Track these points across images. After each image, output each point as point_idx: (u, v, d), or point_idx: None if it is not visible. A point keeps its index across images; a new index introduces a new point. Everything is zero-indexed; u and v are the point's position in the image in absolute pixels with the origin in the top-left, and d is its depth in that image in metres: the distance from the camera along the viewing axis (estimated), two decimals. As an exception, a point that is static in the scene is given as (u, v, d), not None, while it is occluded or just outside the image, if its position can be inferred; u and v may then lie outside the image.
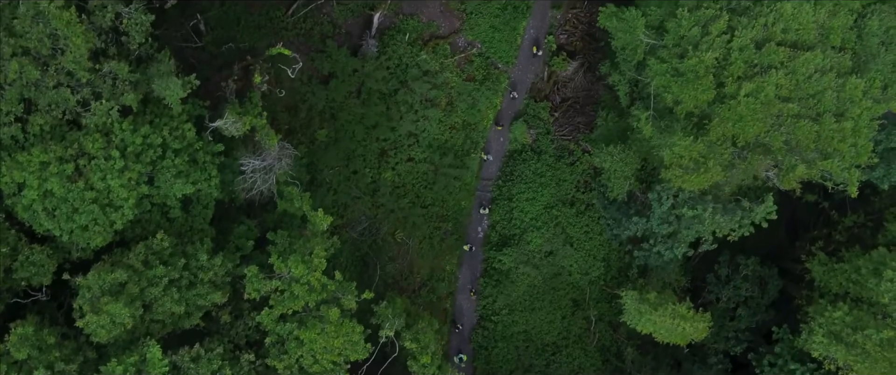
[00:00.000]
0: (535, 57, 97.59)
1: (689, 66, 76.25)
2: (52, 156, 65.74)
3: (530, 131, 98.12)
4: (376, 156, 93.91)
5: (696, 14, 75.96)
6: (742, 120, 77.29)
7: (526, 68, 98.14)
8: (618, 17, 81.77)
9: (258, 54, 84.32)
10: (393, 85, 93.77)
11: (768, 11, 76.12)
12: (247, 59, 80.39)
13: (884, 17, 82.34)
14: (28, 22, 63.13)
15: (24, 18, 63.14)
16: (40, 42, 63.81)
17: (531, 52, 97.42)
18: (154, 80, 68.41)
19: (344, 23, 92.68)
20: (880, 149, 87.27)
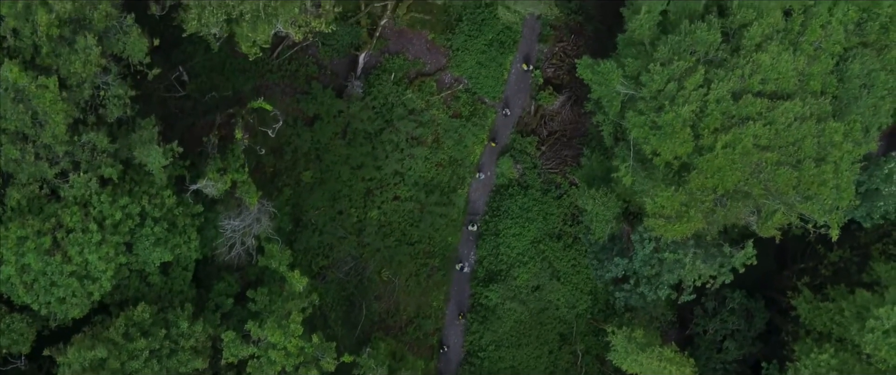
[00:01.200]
0: (527, 72, 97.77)
1: (667, 121, 76.17)
2: (30, 230, 66.35)
3: (517, 166, 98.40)
4: (362, 195, 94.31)
5: (669, 68, 75.62)
6: (720, 171, 77.45)
7: (519, 85, 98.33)
8: (594, 69, 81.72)
9: (242, 100, 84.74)
10: (378, 124, 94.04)
11: (745, 63, 75.97)
12: (228, 112, 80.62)
13: (865, 59, 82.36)
14: (9, 104, 63.59)
15: (4, 100, 63.58)
16: (21, 122, 64.29)
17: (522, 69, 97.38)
18: (136, 147, 68.85)
19: (329, 63, 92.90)
20: (863, 189, 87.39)
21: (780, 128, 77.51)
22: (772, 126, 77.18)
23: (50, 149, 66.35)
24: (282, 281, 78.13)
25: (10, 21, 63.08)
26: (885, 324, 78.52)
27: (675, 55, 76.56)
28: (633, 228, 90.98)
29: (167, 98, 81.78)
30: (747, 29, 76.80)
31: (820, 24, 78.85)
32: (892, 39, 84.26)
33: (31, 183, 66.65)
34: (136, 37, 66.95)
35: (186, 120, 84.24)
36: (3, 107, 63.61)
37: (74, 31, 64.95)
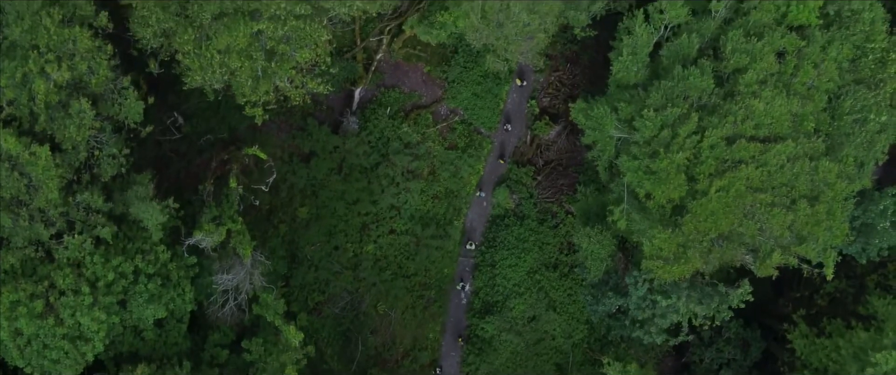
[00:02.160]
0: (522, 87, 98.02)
1: (661, 167, 76.27)
2: (23, 294, 66.86)
3: (513, 196, 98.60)
4: (358, 230, 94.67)
5: (662, 115, 75.61)
6: (714, 214, 77.54)
7: (519, 102, 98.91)
8: (587, 114, 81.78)
9: (238, 140, 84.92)
10: (374, 159, 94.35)
11: (738, 109, 75.84)
12: (223, 158, 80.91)
13: (858, 95, 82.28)
14: (3, 174, 63.99)
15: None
16: (16, 189, 64.70)
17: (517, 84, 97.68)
18: (131, 203, 69.24)
19: (325, 99, 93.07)
20: (857, 224, 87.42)
21: (773, 170, 77.53)
22: (765, 168, 77.20)
23: (44, 212, 66.61)
24: (278, 330, 78.56)
25: (7, 92, 63.40)
26: (882, 369, 78.59)
27: (669, 101, 76.47)
28: (628, 264, 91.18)
29: (162, 141, 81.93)
30: (741, 75, 76.59)
31: (813, 63, 78.63)
32: (888, 73, 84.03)
33: (25, 246, 67.00)
34: (133, 99, 67.22)
35: (181, 162, 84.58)
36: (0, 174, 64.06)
37: (70, 95, 65.17)
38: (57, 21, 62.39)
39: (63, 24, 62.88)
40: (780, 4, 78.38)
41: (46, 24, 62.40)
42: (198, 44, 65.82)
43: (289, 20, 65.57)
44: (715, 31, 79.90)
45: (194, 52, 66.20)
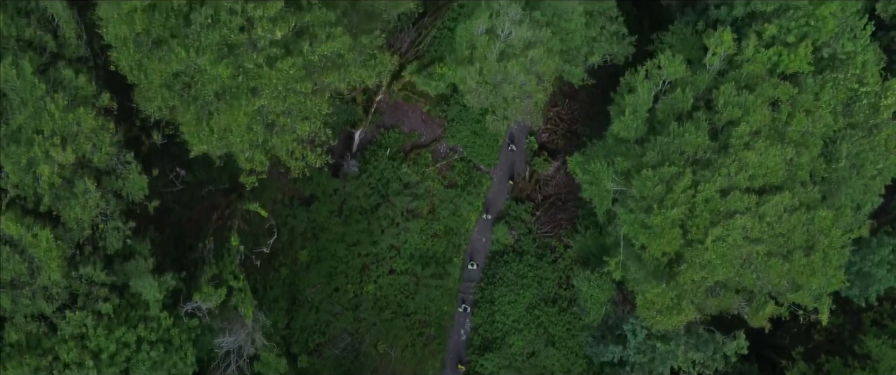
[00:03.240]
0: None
1: (656, 222, 76.98)
2: (27, 369, 67.83)
3: (512, 232, 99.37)
4: (358, 271, 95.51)
5: (658, 172, 76.19)
6: (710, 264, 78.32)
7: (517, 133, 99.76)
8: (584, 169, 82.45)
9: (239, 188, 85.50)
10: (374, 200, 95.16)
11: (732, 162, 76.43)
12: (223, 214, 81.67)
13: (854, 141, 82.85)
14: (3, 256, 64.83)
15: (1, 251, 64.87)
16: (17, 272, 65.61)
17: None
18: (132, 277, 70.18)
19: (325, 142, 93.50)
20: (854, 270, 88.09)
21: (770, 221, 78.12)
22: (761, 219, 77.81)
23: (47, 289, 67.54)
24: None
25: (12, 176, 64.13)
26: (881, 414, 79.81)
27: (665, 158, 77.04)
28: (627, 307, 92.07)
29: (164, 192, 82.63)
30: (735, 127, 77.09)
31: (806, 110, 79.11)
32: (881, 119, 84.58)
33: (29, 322, 67.94)
34: (136, 175, 67.97)
35: (183, 210, 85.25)
36: (1, 257, 64.86)
37: (74, 173, 65.91)
38: (62, 106, 62.93)
39: (67, 107, 63.30)
40: (772, 54, 78.69)
41: (51, 109, 62.98)
42: (199, 121, 66.28)
43: (289, 96, 65.99)
44: (709, 83, 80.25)
45: (195, 129, 66.65)
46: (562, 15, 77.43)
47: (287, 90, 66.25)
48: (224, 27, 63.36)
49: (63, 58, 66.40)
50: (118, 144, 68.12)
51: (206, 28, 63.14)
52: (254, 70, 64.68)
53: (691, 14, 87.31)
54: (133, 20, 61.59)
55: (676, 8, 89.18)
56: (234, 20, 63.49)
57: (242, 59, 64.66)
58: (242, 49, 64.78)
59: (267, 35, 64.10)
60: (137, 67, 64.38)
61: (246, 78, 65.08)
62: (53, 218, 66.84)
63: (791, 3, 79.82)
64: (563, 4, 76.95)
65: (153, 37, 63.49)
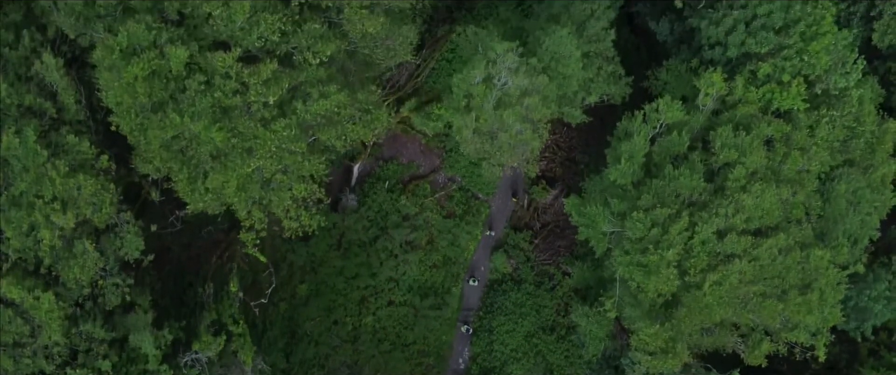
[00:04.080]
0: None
1: (652, 262, 77.49)
2: (29, 427, 68.86)
3: (510, 261, 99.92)
4: (357, 303, 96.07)
5: (652, 214, 76.64)
6: (708, 307, 78.91)
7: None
8: (580, 211, 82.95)
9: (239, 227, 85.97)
10: (373, 233, 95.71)
11: (728, 204, 76.86)
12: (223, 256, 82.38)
13: (851, 179, 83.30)
14: (5, 319, 65.63)
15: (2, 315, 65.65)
16: (19, 334, 66.40)
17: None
18: (132, 331, 70.97)
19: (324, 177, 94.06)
20: (851, 304, 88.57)
21: (766, 263, 78.66)
22: (757, 261, 78.34)
23: (47, 348, 68.35)
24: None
25: (14, 241, 64.83)
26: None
27: (659, 201, 77.48)
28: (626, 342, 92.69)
29: (164, 234, 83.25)
30: (731, 170, 77.52)
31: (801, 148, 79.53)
32: (878, 159, 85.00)
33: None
34: (133, 234, 68.64)
35: (182, 251, 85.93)
36: (1, 320, 65.65)
37: (73, 233, 66.61)
38: (62, 172, 63.56)
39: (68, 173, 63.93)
40: (765, 92, 79.09)
41: (52, 176, 63.59)
42: (193, 180, 66.90)
43: (285, 156, 66.53)
44: (704, 123, 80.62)
45: (190, 188, 67.30)
46: (559, 60, 77.59)
47: (282, 150, 66.63)
48: (218, 91, 63.85)
49: (63, 122, 66.81)
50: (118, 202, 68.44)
51: (199, 93, 63.60)
52: (248, 131, 65.08)
53: (686, 52, 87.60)
54: (135, 90, 62.10)
55: (672, 44, 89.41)
56: (227, 84, 63.98)
57: (236, 121, 65.09)
58: (236, 112, 65.23)
59: (261, 98, 64.47)
60: (139, 130, 64.88)
61: (240, 139, 65.51)
62: (53, 278, 67.37)
63: (784, 42, 79.97)
64: (561, 49, 76.96)
65: (153, 101, 63.93)
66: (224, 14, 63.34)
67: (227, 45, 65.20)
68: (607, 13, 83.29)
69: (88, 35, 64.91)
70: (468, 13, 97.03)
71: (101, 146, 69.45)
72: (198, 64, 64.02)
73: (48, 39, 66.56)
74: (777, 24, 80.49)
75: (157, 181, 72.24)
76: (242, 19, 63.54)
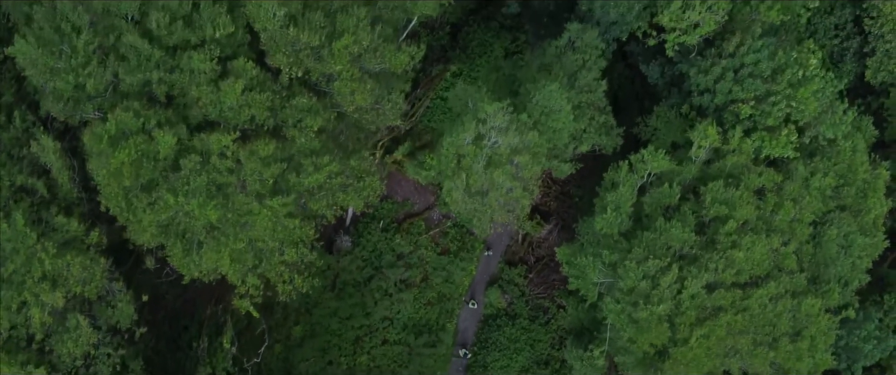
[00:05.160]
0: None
1: (642, 317, 78.10)
2: None
3: (505, 296, 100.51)
4: (351, 343, 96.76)
5: (643, 266, 77.18)
6: (696, 359, 79.60)
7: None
8: (571, 263, 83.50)
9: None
10: (367, 272, 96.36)
11: (718, 258, 77.34)
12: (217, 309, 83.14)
13: (842, 223, 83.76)
14: (0, 397, 66.75)
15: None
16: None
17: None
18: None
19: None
20: (841, 344, 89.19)
21: (756, 313, 79.27)
22: (746, 312, 78.95)
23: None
24: None
25: (4, 320, 65.64)
26: None
27: (650, 253, 77.94)
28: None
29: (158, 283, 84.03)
30: (722, 224, 77.93)
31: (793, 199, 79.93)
32: (870, 204, 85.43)
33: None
34: (125, 304, 69.42)
35: (176, 299, 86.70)
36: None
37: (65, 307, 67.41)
38: (52, 253, 64.27)
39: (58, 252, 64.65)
40: (756, 139, 79.49)
41: (41, 256, 64.28)
42: (187, 253, 67.59)
43: (278, 230, 67.19)
44: (696, 174, 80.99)
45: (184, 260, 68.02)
46: (549, 114, 77.89)
47: (277, 223, 67.24)
48: (213, 169, 64.38)
49: (54, 201, 67.42)
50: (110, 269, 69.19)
51: (194, 173, 64.14)
52: (243, 207, 65.69)
53: (677, 96, 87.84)
54: (121, 175, 62.63)
55: (663, 87, 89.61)
56: (223, 163, 64.49)
57: (231, 197, 65.66)
58: (231, 188, 65.76)
59: (257, 176, 65.02)
60: (129, 210, 65.50)
61: (235, 214, 66.12)
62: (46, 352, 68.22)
63: (772, 88, 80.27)
64: (551, 103, 77.25)
65: (142, 181, 64.48)
66: (214, 97, 63.69)
67: (217, 124, 65.52)
68: (599, 62, 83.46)
69: (78, 116, 65.17)
70: (462, 52, 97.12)
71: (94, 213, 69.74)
72: (191, 145, 64.38)
73: (40, 117, 66.70)
74: (765, 73, 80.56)
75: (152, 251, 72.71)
76: (234, 100, 63.82)
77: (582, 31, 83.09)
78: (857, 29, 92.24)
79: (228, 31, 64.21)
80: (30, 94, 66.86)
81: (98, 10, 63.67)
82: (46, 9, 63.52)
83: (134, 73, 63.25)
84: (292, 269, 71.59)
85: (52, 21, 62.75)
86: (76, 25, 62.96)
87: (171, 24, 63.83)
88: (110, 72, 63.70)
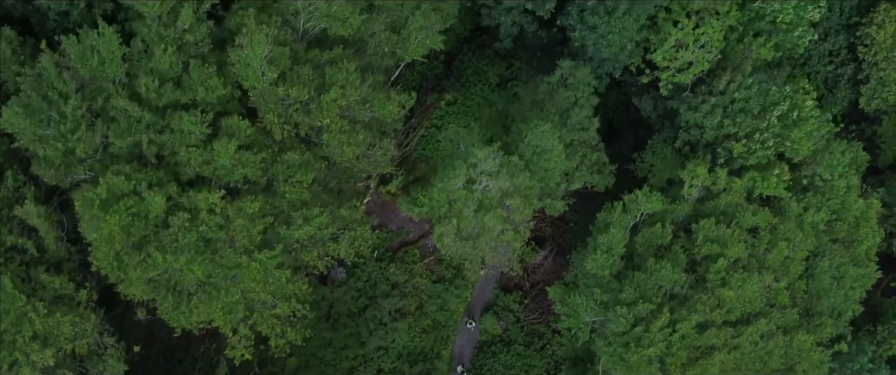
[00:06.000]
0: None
1: (633, 360, 78.52)
2: None
3: (500, 322, 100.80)
4: (346, 373, 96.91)
5: (634, 310, 77.53)
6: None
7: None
8: (564, 302, 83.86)
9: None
10: (362, 302, 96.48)
11: (708, 299, 77.73)
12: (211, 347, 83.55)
13: (834, 256, 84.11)
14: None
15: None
16: None
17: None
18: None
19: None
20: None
21: (747, 350, 79.64)
22: (738, 350, 79.35)
23: None
24: None
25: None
26: None
27: (641, 295, 78.28)
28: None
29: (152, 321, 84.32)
30: (712, 263, 78.27)
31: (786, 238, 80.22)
32: (862, 235, 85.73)
33: None
34: (115, 360, 69.93)
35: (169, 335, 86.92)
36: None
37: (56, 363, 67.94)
38: (42, 314, 64.73)
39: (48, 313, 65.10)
40: (748, 179, 79.76)
41: (31, 317, 64.74)
42: (177, 306, 68.05)
43: (268, 282, 67.56)
44: (689, 212, 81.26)
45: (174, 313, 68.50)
46: (541, 154, 78.15)
47: (266, 276, 67.60)
48: (202, 225, 64.75)
49: (43, 261, 67.81)
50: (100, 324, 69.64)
51: (183, 230, 64.50)
52: (232, 262, 66.08)
53: (669, 129, 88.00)
54: (113, 240, 63.05)
55: (656, 120, 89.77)
56: (212, 219, 64.85)
57: (220, 252, 66.05)
58: (220, 244, 66.13)
59: (245, 232, 65.38)
60: (119, 268, 65.92)
61: (224, 269, 66.52)
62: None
63: (761, 125, 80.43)
64: (543, 142, 77.47)
65: (133, 240, 64.85)
66: (206, 156, 64.00)
67: (208, 180, 65.86)
68: (591, 100, 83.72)
69: (69, 179, 65.49)
70: (457, 80, 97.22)
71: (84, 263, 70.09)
72: (181, 203, 64.74)
73: (31, 176, 66.98)
74: (755, 109, 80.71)
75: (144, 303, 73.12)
76: (227, 161, 64.13)
77: (574, 68, 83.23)
78: (852, 55, 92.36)
79: (219, 93, 64.22)
80: (21, 151, 66.89)
81: (85, 75, 63.66)
82: (32, 78, 63.61)
83: (123, 137, 63.44)
84: (285, 322, 71.73)
85: (39, 89, 62.83)
86: (63, 92, 63.02)
87: (161, 86, 63.89)
88: (99, 136, 63.83)
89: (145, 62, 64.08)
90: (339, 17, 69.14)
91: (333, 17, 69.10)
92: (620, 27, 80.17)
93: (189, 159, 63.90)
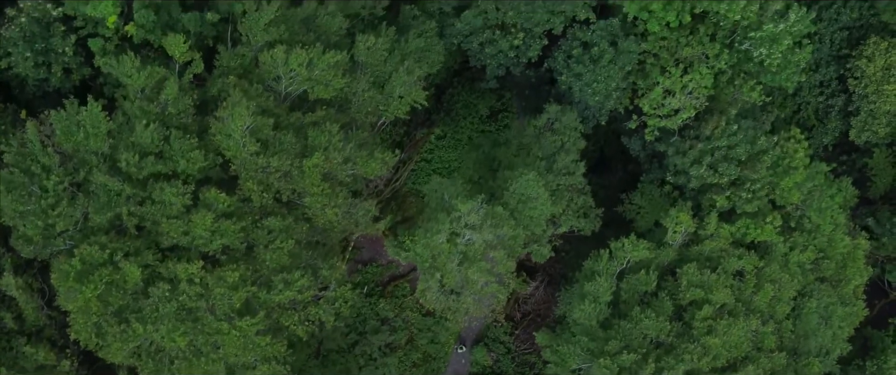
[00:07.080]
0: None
1: (621, 411, 78.75)
2: None
3: (491, 354, 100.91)
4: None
5: (619, 360, 77.67)
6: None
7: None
8: (553, 349, 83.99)
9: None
10: (352, 338, 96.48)
11: (694, 347, 77.77)
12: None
13: (822, 296, 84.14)
14: None
15: None
16: None
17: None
18: None
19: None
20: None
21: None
22: (725, 397, 79.74)
23: None
24: None
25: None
26: None
27: (626, 345, 78.35)
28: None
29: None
30: (697, 309, 78.33)
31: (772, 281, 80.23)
32: (849, 274, 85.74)
33: None
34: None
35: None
36: None
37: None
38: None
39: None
40: (739, 228, 79.75)
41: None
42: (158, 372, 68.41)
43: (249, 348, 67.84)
44: (674, 257, 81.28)
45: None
46: (526, 201, 78.00)
47: (247, 343, 67.85)
48: (183, 295, 64.96)
49: (23, 332, 68.10)
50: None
51: (163, 300, 64.72)
52: (213, 329, 66.35)
53: (657, 170, 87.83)
54: (89, 310, 63.29)
55: (645, 159, 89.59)
56: (192, 288, 65.05)
57: (201, 320, 66.28)
58: (201, 312, 66.36)
59: (225, 301, 65.58)
60: (98, 337, 66.22)
61: (205, 336, 66.78)
62: None
63: (749, 175, 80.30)
64: (529, 190, 77.39)
65: (112, 309, 65.09)
66: (184, 227, 64.11)
67: (187, 249, 65.99)
68: (578, 143, 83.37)
69: (47, 252, 65.65)
70: (446, 114, 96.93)
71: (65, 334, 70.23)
72: (160, 273, 64.91)
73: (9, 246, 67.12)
74: (741, 157, 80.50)
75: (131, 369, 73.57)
76: (204, 231, 64.23)
77: (561, 113, 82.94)
78: (842, 87, 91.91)
79: (200, 165, 64.20)
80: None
81: (68, 149, 63.70)
82: (16, 150, 63.62)
83: (103, 212, 63.60)
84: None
85: (21, 163, 62.86)
86: (47, 166, 63.05)
87: (141, 159, 63.84)
88: (80, 210, 63.87)
89: (126, 136, 63.90)
90: (322, 80, 68.91)
91: (315, 81, 68.86)
92: (606, 75, 79.89)
93: (169, 230, 63.87)
